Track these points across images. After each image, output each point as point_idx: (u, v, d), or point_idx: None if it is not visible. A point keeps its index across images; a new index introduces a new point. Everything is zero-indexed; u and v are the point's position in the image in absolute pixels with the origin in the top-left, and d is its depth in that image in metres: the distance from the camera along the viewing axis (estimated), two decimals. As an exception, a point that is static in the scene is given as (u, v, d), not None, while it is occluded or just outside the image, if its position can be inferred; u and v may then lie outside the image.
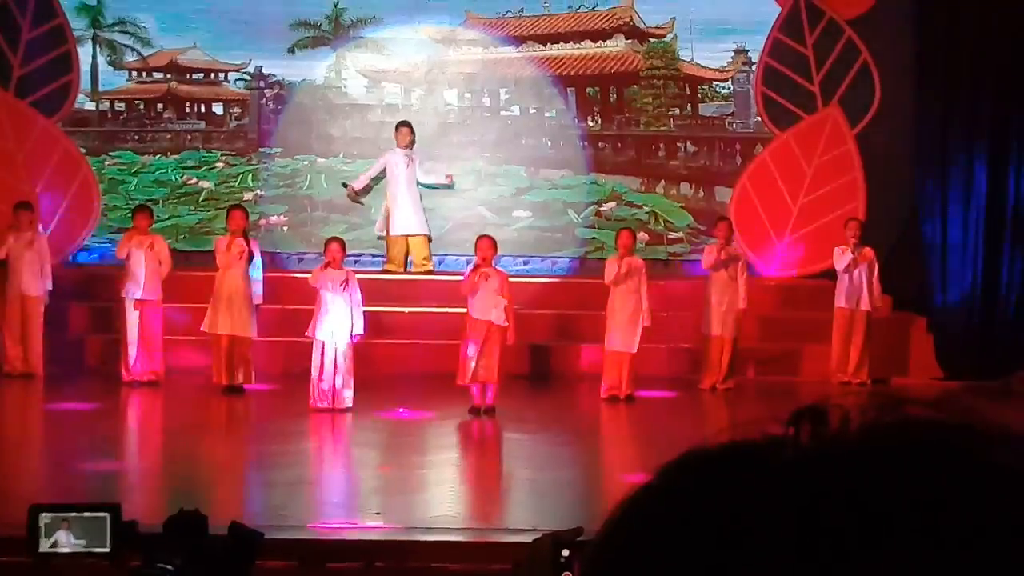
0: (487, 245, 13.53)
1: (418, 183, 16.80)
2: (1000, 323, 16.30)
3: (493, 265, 13.52)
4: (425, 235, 16.77)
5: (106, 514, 5.46)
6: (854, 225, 15.72)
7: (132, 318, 14.45)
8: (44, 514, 5.54)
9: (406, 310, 15.82)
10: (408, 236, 16.67)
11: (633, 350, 14.02)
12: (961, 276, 16.38)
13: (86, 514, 5.52)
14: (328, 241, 13.92)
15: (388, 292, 15.72)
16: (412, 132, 16.84)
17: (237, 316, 14.01)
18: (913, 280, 16.35)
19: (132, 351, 14.40)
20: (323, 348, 13.31)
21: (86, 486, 10.34)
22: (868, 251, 15.51)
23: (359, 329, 13.44)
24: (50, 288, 14.96)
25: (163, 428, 13.60)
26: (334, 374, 13.27)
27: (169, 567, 4.71)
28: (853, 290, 15.37)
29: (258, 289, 14.55)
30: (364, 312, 13.45)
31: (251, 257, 14.29)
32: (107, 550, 5.42)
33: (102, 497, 7.63)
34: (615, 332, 14.09)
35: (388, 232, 16.73)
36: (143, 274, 14.50)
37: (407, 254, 16.72)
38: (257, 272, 14.58)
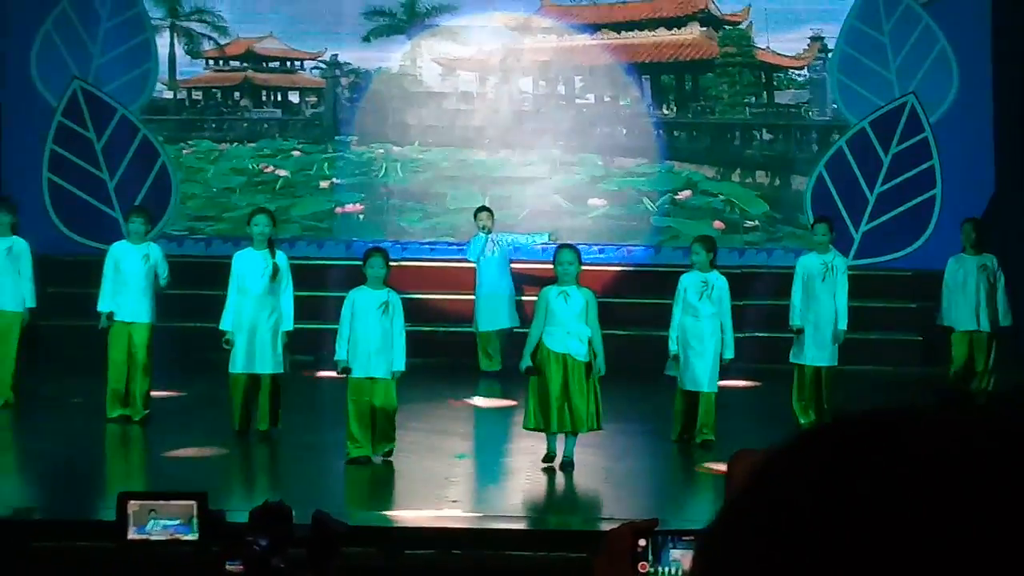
0: (569, 258, 10.80)
1: (514, 246, 15.60)
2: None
3: (576, 282, 10.78)
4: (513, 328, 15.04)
5: (193, 502, 5.55)
6: (968, 227, 13.59)
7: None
8: (132, 502, 5.63)
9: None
10: (497, 331, 15.21)
11: (713, 389, 11.69)
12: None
13: (173, 502, 5.62)
14: (367, 253, 11.40)
15: (462, 280, 15.74)
16: (492, 215, 15.60)
17: (260, 350, 11.67)
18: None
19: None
20: (356, 387, 10.84)
21: (173, 474, 10.45)
22: (988, 259, 13.37)
23: (400, 365, 10.87)
24: (30, 305, 12.93)
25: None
26: (372, 423, 10.82)
27: (262, 542, 4.80)
28: (969, 307, 13.27)
29: (288, 314, 11.86)
30: (435, 299, 13.31)
31: (276, 273, 11.81)
32: (195, 537, 5.51)
33: (188, 486, 7.72)
34: (690, 365, 11.78)
35: (477, 327, 15.23)
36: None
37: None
38: (287, 294, 11.91)
